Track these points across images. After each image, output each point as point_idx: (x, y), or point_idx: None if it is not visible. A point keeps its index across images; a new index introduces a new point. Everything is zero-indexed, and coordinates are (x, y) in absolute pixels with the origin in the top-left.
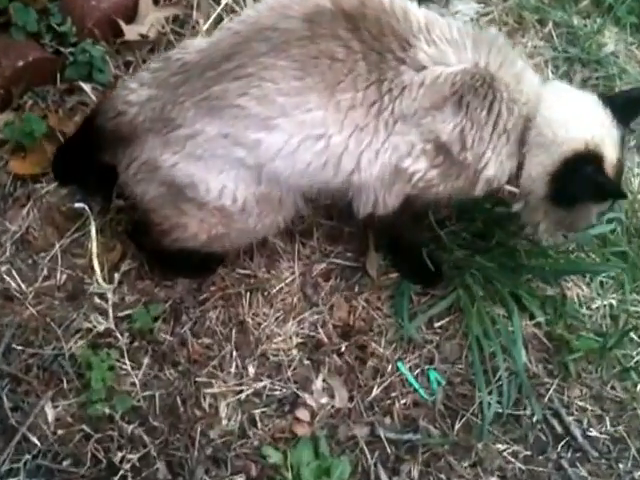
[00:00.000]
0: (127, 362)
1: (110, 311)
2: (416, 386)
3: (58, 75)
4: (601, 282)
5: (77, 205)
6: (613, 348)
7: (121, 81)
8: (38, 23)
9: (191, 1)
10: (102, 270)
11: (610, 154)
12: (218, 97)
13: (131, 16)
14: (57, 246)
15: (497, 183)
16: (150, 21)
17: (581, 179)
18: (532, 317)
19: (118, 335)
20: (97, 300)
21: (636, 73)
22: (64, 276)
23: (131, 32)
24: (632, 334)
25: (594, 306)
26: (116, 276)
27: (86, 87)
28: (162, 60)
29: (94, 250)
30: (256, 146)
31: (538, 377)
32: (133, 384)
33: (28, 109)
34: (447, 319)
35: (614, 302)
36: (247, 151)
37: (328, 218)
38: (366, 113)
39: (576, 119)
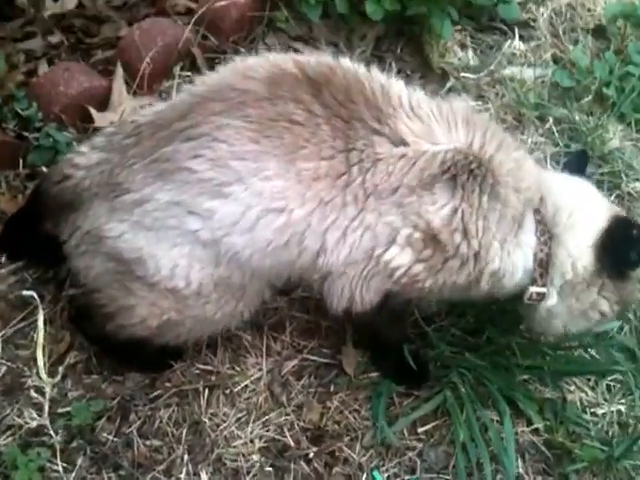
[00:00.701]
0: (59, 463)
1: (46, 406)
2: None
3: (20, 160)
4: (607, 386)
5: (25, 293)
6: (621, 459)
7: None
8: (2, 108)
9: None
10: (46, 363)
11: None
12: (168, 159)
13: (103, 102)
14: None
15: (504, 278)
16: (123, 109)
17: (632, 240)
18: (529, 423)
19: (52, 433)
20: (34, 394)
21: None
22: (3, 368)
23: (102, 119)
24: None
25: (600, 412)
26: (60, 369)
27: None
28: (118, 124)
29: (40, 341)
30: (210, 216)
31: None
32: None
33: None
34: (432, 424)
35: (622, 408)
36: (201, 222)
37: (303, 311)
38: (331, 185)
39: (587, 195)
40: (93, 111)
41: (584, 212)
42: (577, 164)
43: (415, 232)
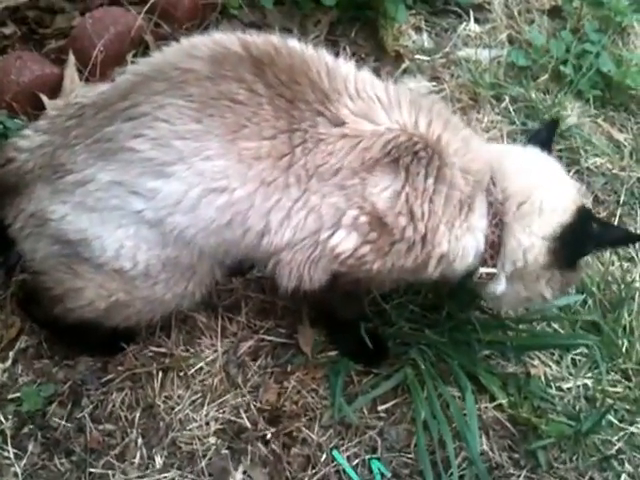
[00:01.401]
0: (10, 449)
1: None
2: (355, 478)
3: None
4: (573, 360)
5: None
6: (589, 433)
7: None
8: None
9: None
10: None
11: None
12: (110, 139)
13: (56, 90)
14: None
15: (454, 262)
16: (75, 96)
17: (590, 236)
18: (492, 399)
19: (2, 419)
20: None
21: (602, 144)
22: None
23: (54, 106)
24: (611, 417)
25: (565, 386)
26: (10, 355)
27: None
28: (62, 107)
29: None
30: (153, 196)
31: (502, 468)
32: (16, 474)
33: None
34: (393, 402)
35: (589, 382)
36: (145, 202)
37: (259, 291)
38: (274, 165)
39: (549, 178)
40: (44, 98)
41: (538, 200)
42: (545, 136)
43: (361, 214)
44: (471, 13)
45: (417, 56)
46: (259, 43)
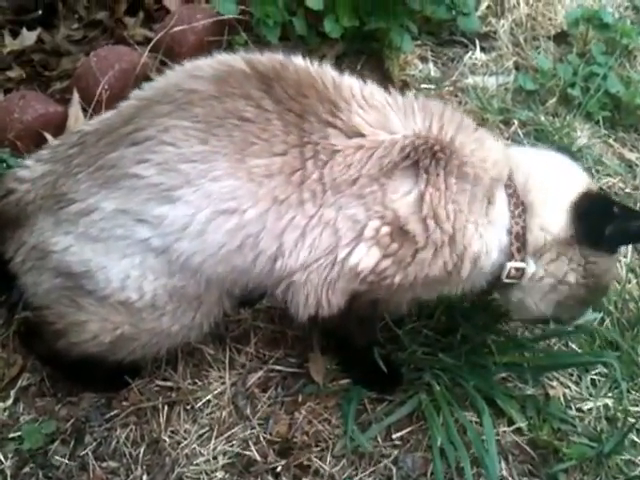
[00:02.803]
0: None
1: None
2: None
3: None
4: (592, 380)
5: None
6: (612, 454)
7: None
8: None
9: None
10: None
11: None
12: (114, 165)
13: (60, 128)
14: None
15: (481, 261)
16: None
17: (609, 213)
18: (511, 422)
19: (2, 458)
20: None
21: (613, 164)
22: None
23: None
24: (634, 436)
25: (586, 407)
26: (12, 393)
27: None
28: (64, 136)
29: None
30: (159, 223)
31: None
32: None
33: None
34: (408, 429)
35: (609, 402)
36: (151, 230)
37: (268, 321)
38: (286, 182)
39: (563, 169)
40: (49, 136)
41: (558, 178)
42: None
43: (382, 225)
44: (477, 42)
45: (423, 85)
46: (264, 60)
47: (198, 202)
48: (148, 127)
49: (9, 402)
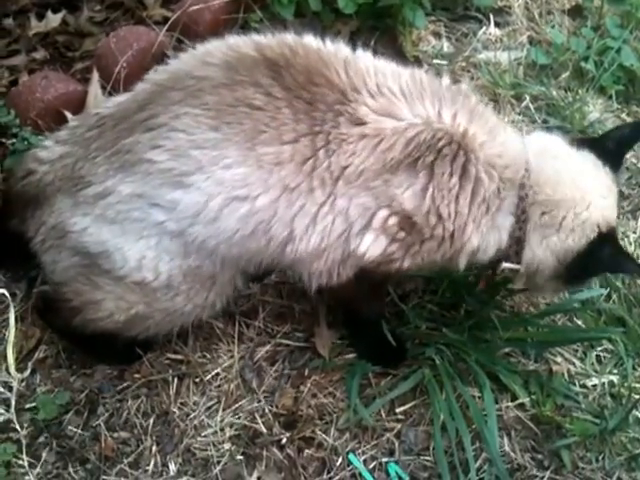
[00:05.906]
0: (25, 458)
1: (13, 401)
2: None
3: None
4: (597, 356)
5: None
6: (616, 431)
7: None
8: None
9: None
10: (16, 359)
11: (615, 218)
12: (129, 151)
13: (80, 106)
14: None
15: (479, 254)
16: None
17: (600, 260)
18: (514, 398)
19: (17, 427)
20: (2, 389)
21: None
22: None
23: None
24: (638, 413)
25: (590, 383)
26: (29, 364)
27: None
28: (81, 117)
29: (11, 339)
30: (173, 207)
31: (524, 469)
32: None
33: None
34: (410, 403)
35: (614, 378)
36: (166, 213)
37: (277, 296)
38: (297, 170)
39: (582, 193)
40: (68, 114)
41: (560, 216)
42: (629, 138)
43: (391, 214)
44: (491, 17)
45: (436, 60)
46: (273, 45)
47: (210, 189)
48: (161, 114)
49: (27, 373)
